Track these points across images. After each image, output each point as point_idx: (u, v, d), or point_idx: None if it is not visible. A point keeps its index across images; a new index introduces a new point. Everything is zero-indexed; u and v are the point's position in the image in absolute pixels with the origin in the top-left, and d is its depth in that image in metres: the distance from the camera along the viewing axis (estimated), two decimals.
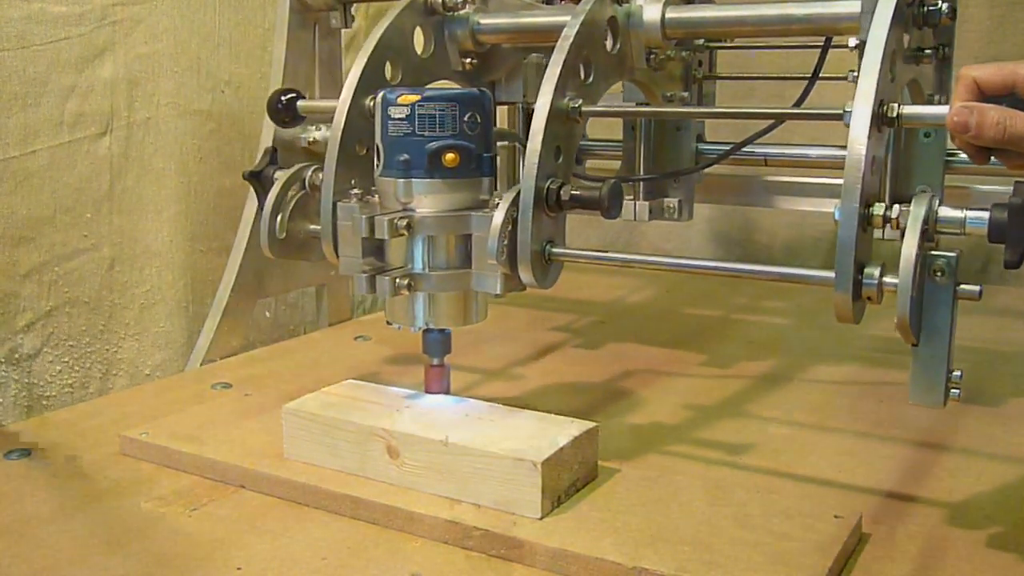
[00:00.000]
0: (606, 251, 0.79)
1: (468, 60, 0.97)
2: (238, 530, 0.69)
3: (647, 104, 1.01)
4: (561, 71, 0.75)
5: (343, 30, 1.24)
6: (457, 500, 0.69)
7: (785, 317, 1.33)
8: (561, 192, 0.74)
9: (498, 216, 0.73)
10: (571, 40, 0.77)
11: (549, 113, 0.74)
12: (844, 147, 1.00)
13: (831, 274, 0.64)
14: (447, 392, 0.81)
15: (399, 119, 0.74)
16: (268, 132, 1.19)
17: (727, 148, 1.05)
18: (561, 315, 1.31)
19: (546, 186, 0.73)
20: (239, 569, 0.63)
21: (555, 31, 0.78)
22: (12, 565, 0.64)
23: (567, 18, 0.79)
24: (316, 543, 0.67)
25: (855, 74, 0.83)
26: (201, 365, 1.12)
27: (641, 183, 1.08)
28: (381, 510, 0.69)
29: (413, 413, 0.76)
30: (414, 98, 0.73)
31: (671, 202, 1.09)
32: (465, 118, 0.74)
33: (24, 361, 1.15)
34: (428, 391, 0.80)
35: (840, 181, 0.99)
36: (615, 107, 1.00)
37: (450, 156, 0.73)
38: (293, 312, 1.46)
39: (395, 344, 1.18)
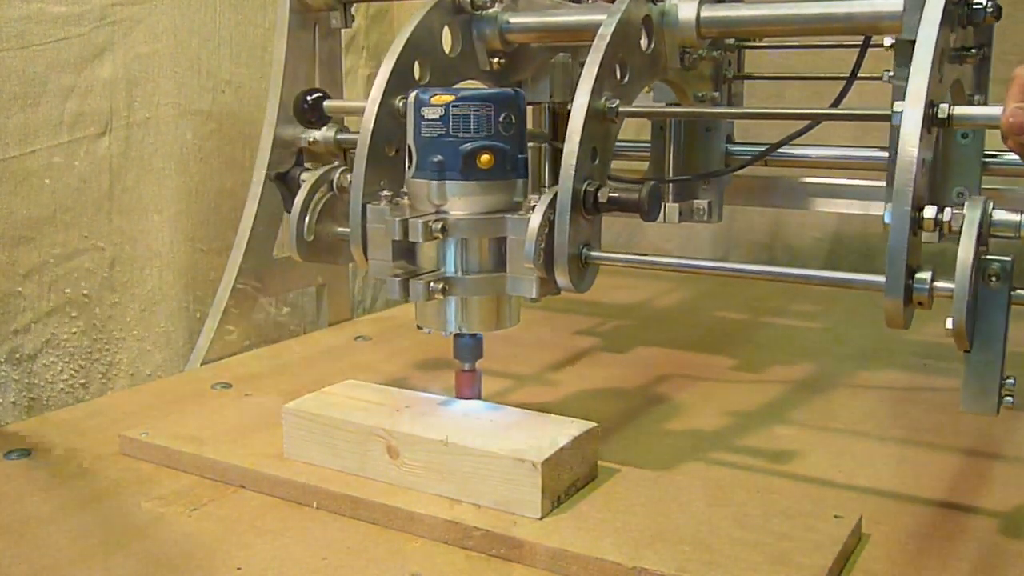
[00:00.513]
0: (645, 255, 0.78)
1: (496, 60, 0.95)
2: (238, 530, 0.69)
3: (678, 104, 1.00)
4: (598, 71, 0.74)
5: (343, 30, 1.24)
6: (457, 500, 0.69)
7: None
8: (599, 194, 0.72)
9: (535, 219, 0.71)
10: (608, 39, 0.75)
11: (586, 114, 0.73)
12: (878, 148, 0.99)
13: (881, 279, 0.63)
14: (478, 397, 0.79)
15: (433, 120, 0.72)
16: (268, 132, 1.19)
17: (759, 149, 1.03)
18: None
19: (583, 188, 0.72)
20: (239, 569, 0.63)
21: (586, 30, 0.77)
22: (12, 565, 0.64)
23: (599, 17, 0.78)
24: (316, 543, 0.67)
25: (890, 74, 0.82)
26: (201, 365, 1.12)
27: (671, 185, 1.07)
28: (381, 510, 0.69)
29: (413, 413, 0.76)
30: (448, 98, 0.72)
31: (701, 204, 1.08)
32: (500, 119, 0.72)
33: (24, 361, 1.15)
34: (459, 396, 0.79)
35: (874, 183, 0.97)
36: (652, 108, 0.99)
37: (485, 157, 0.72)
38: (293, 312, 1.46)
39: (395, 344, 1.18)
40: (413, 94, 0.74)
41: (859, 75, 0.95)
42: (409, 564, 0.64)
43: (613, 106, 0.75)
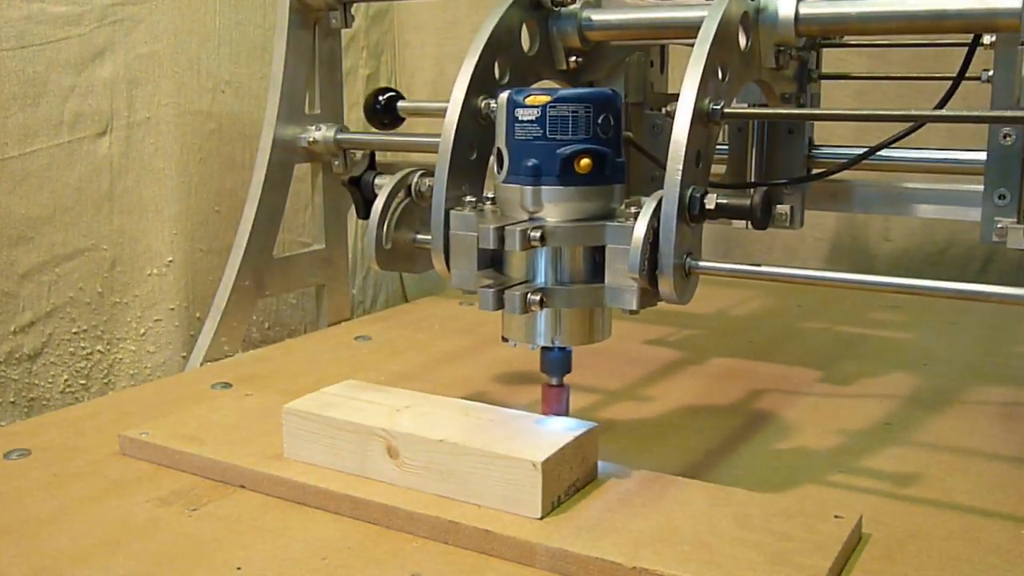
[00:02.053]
0: (758, 264, 0.73)
1: (573, 59, 0.91)
2: (238, 530, 0.69)
3: (765, 105, 0.95)
4: (703, 71, 0.70)
5: (343, 30, 1.24)
6: (457, 500, 0.69)
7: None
8: (705, 201, 0.69)
9: (640, 227, 0.67)
10: (711, 37, 0.72)
11: (692, 116, 0.69)
12: (972, 150, 0.93)
13: None
14: (566, 413, 0.76)
15: (528, 121, 0.68)
16: (268, 132, 1.19)
17: (842, 152, 0.98)
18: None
19: (689, 194, 0.69)
20: (239, 569, 0.63)
21: (673, 28, 0.73)
22: (12, 565, 0.64)
23: (687, 14, 0.74)
24: (316, 543, 0.67)
25: (990, 73, 0.80)
26: (201, 365, 1.12)
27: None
28: (381, 510, 0.69)
29: (413, 413, 0.76)
30: (545, 99, 0.68)
31: (783, 209, 1.02)
32: (599, 120, 0.68)
33: (24, 361, 1.15)
34: (545, 412, 0.76)
35: (959, 187, 0.90)
36: (755, 110, 0.94)
37: (585, 162, 0.68)
38: (293, 312, 1.46)
39: (395, 344, 1.18)
40: (505, 94, 0.71)
41: (941, 76, 0.91)
42: (409, 564, 0.64)
43: (718, 107, 0.71)
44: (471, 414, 0.76)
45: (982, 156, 0.85)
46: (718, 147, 1.02)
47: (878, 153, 0.96)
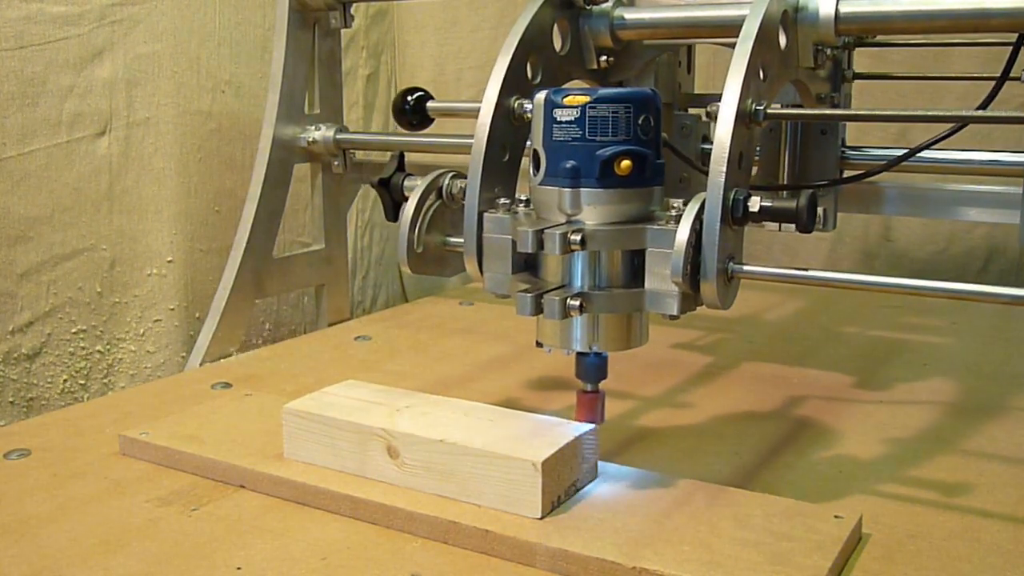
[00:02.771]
0: (801, 268, 0.71)
1: (604, 58, 0.90)
2: (238, 530, 0.69)
3: (799, 106, 0.94)
4: (746, 72, 0.69)
5: (343, 30, 1.24)
6: (457, 500, 0.69)
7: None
8: (749, 203, 0.67)
9: (683, 230, 0.65)
10: (753, 37, 0.70)
11: (736, 117, 0.68)
12: (1010, 152, 0.91)
13: None
14: (601, 421, 0.74)
15: (567, 122, 0.67)
16: (268, 131, 1.19)
17: (877, 153, 0.97)
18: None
19: (732, 197, 0.67)
20: (239, 569, 0.63)
21: (707, 27, 0.71)
22: (12, 565, 0.64)
23: (722, 13, 0.73)
24: (316, 543, 0.67)
25: None
26: (200, 365, 1.12)
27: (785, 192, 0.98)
28: (381, 510, 0.69)
29: (413, 413, 0.76)
30: (584, 99, 0.67)
31: (818, 211, 0.98)
32: (639, 121, 0.67)
33: (23, 361, 1.15)
34: (580, 419, 0.73)
35: (997, 188, 0.88)
36: (798, 110, 0.93)
37: (625, 163, 0.67)
38: (293, 312, 1.46)
39: (396, 344, 1.18)
40: (542, 94, 0.69)
41: (980, 76, 0.90)
42: (409, 564, 0.64)
43: (760, 108, 0.70)
44: (471, 414, 0.76)
45: (1021, 158, 0.83)
46: None
47: (923, 155, 0.95)
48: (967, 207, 1.01)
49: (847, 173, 1.03)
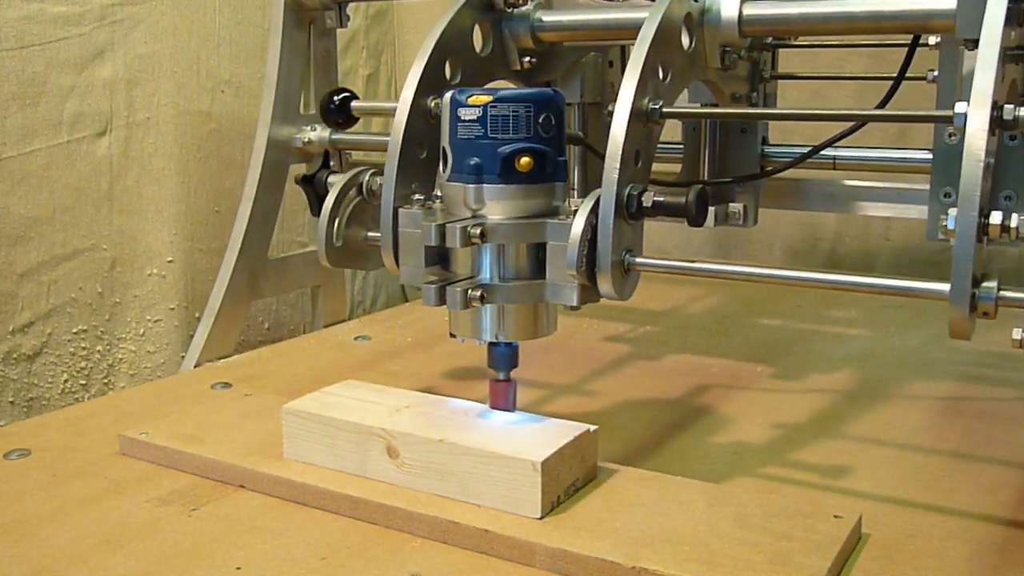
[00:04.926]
0: (692, 261, 0.74)
1: (527, 59, 0.93)
2: (238, 530, 0.69)
3: (715, 105, 0.96)
4: (642, 71, 0.72)
5: (342, 30, 1.24)
6: (457, 500, 0.69)
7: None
8: (643, 199, 0.70)
9: (578, 224, 0.69)
10: (650, 38, 0.73)
11: (630, 115, 0.70)
12: (918, 149, 0.94)
13: (945, 287, 0.61)
14: (513, 408, 0.77)
15: (470, 121, 0.70)
16: (263, 132, 1.19)
17: (795, 151, 1.00)
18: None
19: (627, 192, 0.70)
20: (239, 569, 0.63)
21: (622, 29, 0.74)
22: (12, 565, 0.64)
23: (636, 15, 0.75)
24: (316, 543, 0.67)
25: (935, 73, 0.80)
26: (196, 366, 1.12)
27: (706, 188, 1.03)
28: (381, 510, 0.69)
29: (413, 413, 0.76)
30: (486, 99, 0.69)
31: (736, 207, 1.04)
32: (540, 120, 0.70)
33: (24, 361, 1.16)
34: (493, 407, 0.77)
35: (911, 186, 0.93)
36: (695, 109, 0.96)
37: (525, 160, 0.69)
38: (293, 312, 1.47)
39: (395, 344, 1.18)
40: (448, 94, 0.72)
41: (910, 76, 0.92)
42: (409, 564, 0.64)
43: (656, 107, 0.72)
44: (471, 414, 0.76)
45: (928, 155, 0.86)
46: (676, 146, 1.07)
47: (832, 153, 0.99)
48: (878, 202, 1.05)
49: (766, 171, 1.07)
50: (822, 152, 0.99)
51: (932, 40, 0.76)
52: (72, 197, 1.19)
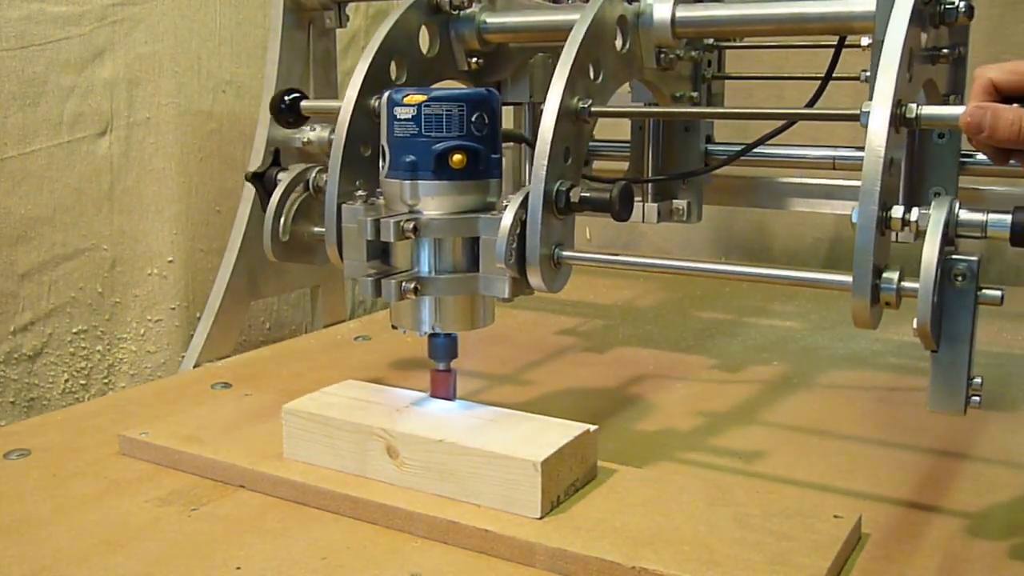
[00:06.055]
0: (617, 254, 0.78)
1: (474, 60, 0.96)
2: (238, 530, 0.69)
3: (656, 104, 1.00)
4: (570, 71, 0.74)
5: (343, 30, 1.24)
6: (457, 500, 0.69)
7: (794, 320, 1.31)
8: (571, 194, 0.73)
9: (506, 219, 0.71)
10: (580, 39, 0.76)
11: (558, 114, 0.73)
12: (855, 147, 0.99)
13: (848, 278, 0.63)
14: (453, 398, 0.80)
15: (405, 119, 0.72)
16: (263, 132, 1.19)
17: (737, 149, 1.04)
18: (565, 318, 1.30)
19: (555, 188, 0.73)
20: (239, 569, 0.63)
21: (564, 30, 0.77)
22: (12, 565, 0.64)
23: (576, 17, 0.78)
24: (316, 543, 0.67)
25: (867, 74, 0.82)
26: (195, 366, 1.12)
27: (650, 184, 1.07)
28: (381, 510, 0.69)
29: (413, 413, 0.76)
30: (420, 98, 0.72)
31: (680, 204, 1.08)
32: (473, 119, 0.72)
33: (24, 361, 1.16)
34: (434, 396, 0.79)
35: (850, 182, 0.98)
36: (625, 108, 0.99)
37: (457, 157, 0.72)
38: (294, 312, 1.47)
39: (395, 344, 1.18)
40: (387, 94, 0.74)
41: (839, 76, 0.95)
42: (409, 564, 0.64)
43: (586, 106, 0.75)
44: (471, 414, 0.76)
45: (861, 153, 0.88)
46: (623, 144, 1.12)
47: (775, 152, 1.05)
48: (810, 199, 1.09)
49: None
50: (773, 152, 1.04)
51: (864, 41, 0.78)
52: (72, 197, 1.19)
